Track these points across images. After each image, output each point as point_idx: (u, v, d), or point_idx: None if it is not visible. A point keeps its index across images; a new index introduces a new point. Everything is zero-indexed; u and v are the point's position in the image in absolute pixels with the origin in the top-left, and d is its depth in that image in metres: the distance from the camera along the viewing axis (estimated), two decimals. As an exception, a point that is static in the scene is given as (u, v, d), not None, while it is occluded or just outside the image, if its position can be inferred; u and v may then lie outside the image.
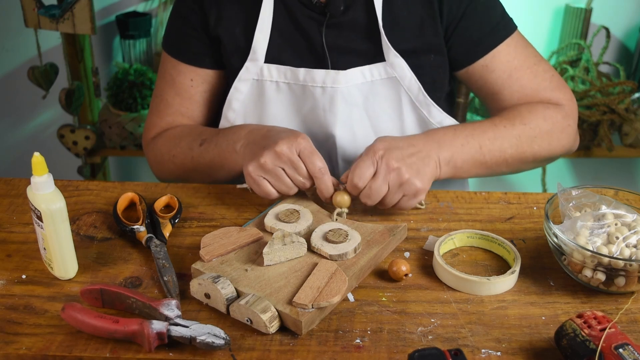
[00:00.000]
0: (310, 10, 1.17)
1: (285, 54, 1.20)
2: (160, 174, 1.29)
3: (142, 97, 2.11)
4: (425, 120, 1.22)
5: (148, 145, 1.30)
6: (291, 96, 1.20)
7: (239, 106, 1.23)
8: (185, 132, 1.24)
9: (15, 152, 2.44)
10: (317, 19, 1.18)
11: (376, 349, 0.83)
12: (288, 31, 1.19)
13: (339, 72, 1.17)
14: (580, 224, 0.94)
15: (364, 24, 1.18)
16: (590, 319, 0.80)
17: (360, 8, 1.17)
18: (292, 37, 1.19)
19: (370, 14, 1.17)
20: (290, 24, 1.19)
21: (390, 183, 1.02)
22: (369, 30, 1.18)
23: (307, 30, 1.18)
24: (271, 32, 1.19)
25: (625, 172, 2.46)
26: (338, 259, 0.95)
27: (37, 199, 0.90)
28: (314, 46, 1.19)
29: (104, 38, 2.27)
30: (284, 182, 1.05)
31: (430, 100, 1.20)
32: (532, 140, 1.17)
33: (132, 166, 2.53)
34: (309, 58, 1.19)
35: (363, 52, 1.19)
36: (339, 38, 1.18)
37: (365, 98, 1.20)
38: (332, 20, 1.17)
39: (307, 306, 0.85)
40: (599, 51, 2.19)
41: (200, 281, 0.89)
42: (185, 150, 1.21)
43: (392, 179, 1.02)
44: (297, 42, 1.20)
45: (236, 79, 1.21)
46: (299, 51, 1.20)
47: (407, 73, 1.18)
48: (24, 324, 0.87)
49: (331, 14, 1.16)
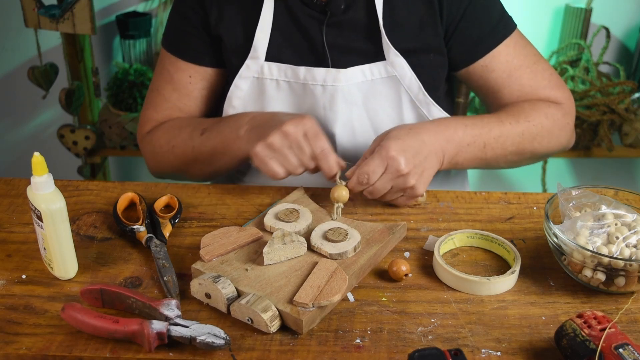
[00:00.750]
0: (310, 9, 1.18)
1: (286, 52, 1.20)
2: (157, 167, 1.28)
3: (142, 97, 2.11)
4: (425, 119, 1.22)
5: (144, 139, 1.29)
6: (291, 94, 1.20)
7: (239, 103, 1.23)
8: (184, 123, 1.24)
9: (15, 152, 2.44)
10: (318, 18, 1.18)
11: (376, 349, 0.83)
12: (289, 30, 1.19)
13: (339, 71, 1.18)
14: (580, 224, 0.94)
15: (365, 22, 1.18)
16: (590, 319, 0.80)
17: (361, 7, 1.17)
18: (293, 36, 1.20)
19: (370, 13, 1.17)
20: (291, 23, 1.19)
21: (395, 185, 1.04)
22: (370, 29, 1.18)
23: (307, 29, 1.19)
24: (272, 31, 1.19)
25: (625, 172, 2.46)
26: (338, 258, 0.95)
27: (37, 199, 0.90)
28: (314, 45, 1.19)
29: (104, 38, 2.27)
30: (290, 162, 1.06)
31: (430, 99, 1.20)
32: (534, 138, 1.19)
33: (132, 166, 2.53)
34: (309, 57, 1.20)
35: (363, 51, 1.19)
36: (339, 37, 1.19)
37: (365, 97, 1.20)
38: (332, 19, 1.17)
39: (308, 305, 0.85)
40: (599, 51, 2.19)
41: (200, 281, 0.89)
42: (186, 140, 1.21)
43: (398, 183, 1.04)
44: (297, 41, 1.20)
45: (236, 77, 1.21)
46: (300, 50, 1.20)
47: (407, 72, 1.19)
48: (24, 324, 0.87)
49: (332, 12, 1.17)
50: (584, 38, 2.17)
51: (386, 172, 1.03)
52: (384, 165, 1.03)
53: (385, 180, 1.03)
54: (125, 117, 2.12)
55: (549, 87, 1.23)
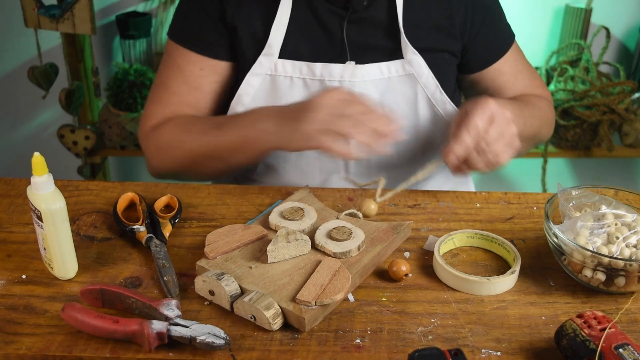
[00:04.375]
0: (332, 5, 1.17)
1: (302, 47, 1.19)
2: (161, 165, 1.23)
3: (142, 97, 2.11)
4: (440, 117, 1.23)
5: (147, 135, 1.23)
6: (305, 92, 1.19)
7: (250, 101, 1.21)
8: (195, 119, 1.20)
9: (15, 152, 2.44)
10: (339, 14, 1.18)
11: (376, 349, 0.83)
12: (307, 25, 1.18)
13: (357, 67, 1.18)
14: (580, 224, 0.94)
15: (385, 20, 1.19)
16: (590, 319, 0.80)
17: (382, 5, 1.18)
18: (312, 31, 1.19)
19: (391, 11, 1.18)
20: (312, 18, 1.18)
21: (506, 133, 1.05)
22: (389, 27, 1.19)
23: (327, 24, 1.18)
24: (289, 26, 1.18)
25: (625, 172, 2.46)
26: (342, 257, 0.95)
27: (37, 199, 0.90)
28: (333, 41, 1.19)
29: (104, 38, 2.27)
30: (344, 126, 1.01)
31: (447, 97, 1.21)
32: (544, 124, 1.28)
33: (132, 166, 2.53)
34: (326, 53, 1.19)
35: (382, 48, 1.19)
36: (359, 34, 1.19)
37: (381, 94, 1.20)
38: (354, 15, 1.18)
39: (311, 303, 0.85)
40: (599, 51, 2.19)
41: (204, 278, 0.89)
42: (198, 135, 1.16)
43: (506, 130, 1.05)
44: (316, 36, 1.19)
45: (248, 73, 1.19)
46: (317, 45, 1.19)
47: (425, 70, 1.19)
48: (24, 324, 0.87)
49: (354, 8, 1.17)
50: (584, 38, 2.17)
51: (494, 120, 1.04)
52: (488, 114, 1.04)
53: (496, 129, 1.04)
54: (125, 117, 2.12)
55: (540, 86, 1.34)
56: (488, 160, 1.06)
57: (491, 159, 1.06)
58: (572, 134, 2.13)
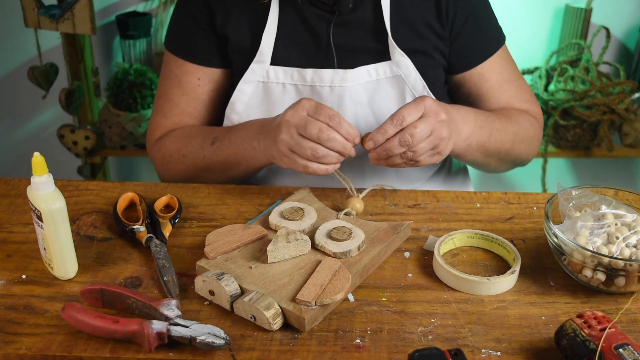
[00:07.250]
0: (319, 9, 1.17)
1: (293, 53, 1.19)
2: (168, 175, 1.28)
3: (142, 97, 2.11)
4: None
5: (153, 146, 1.28)
6: (297, 97, 1.20)
7: (243, 108, 1.22)
8: (194, 132, 1.24)
9: (15, 152, 2.44)
10: (326, 17, 1.18)
11: (376, 349, 0.83)
12: (296, 30, 1.19)
13: (346, 71, 1.18)
14: (580, 224, 0.94)
15: (371, 22, 1.18)
16: (590, 319, 0.80)
17: (369, 7, 1.18)
18: (300, 36, 1.19)
19: (377, 13, 1.18)
20: (299, 23, 1.19)
21: (434, 132, 1.02)
22: (376, 29, 1.19)
23: (315, 28, 1.18)
24: (279, 32, 1.19)
25: (625, 172, 2.46)
26: (342, 257, 0.95)
27: (37, 199, 0.90)
28: (321, 45, 1.19)
29: (104, 38, 2.27)
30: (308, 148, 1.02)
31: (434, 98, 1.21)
32: (521, 142, 1.24)
33: (132, 166, 2.53)
34: (315, 58, 1.19)
35: (369, 50, 1.19)
36: (346, 36, 1.19)
37: (370, 97, 1.20)
38: (340, 18, 1.18)
39: (311, 303, 0.85)
40: (599, 51, 2.19)
41: (204, 278, 0.89)
42: (196, 150, 1.20)
43: (437, 129, 1.02)
44: (304, 42, 1.19)
45: (240, 81, 1.21)
46: (306, 51, 1.19)
47: (412, 72, 1.19)
48: (24, 324, 0.87)
49: (340, 11, 1.17)
50: (584, 38, 2.17)
51: (426, 116, 1.02)
52: (420, 110, 1.02)
53: (425, 125, 1.01)
54: (125, 117, 2.12)
55: (530, 101, 1.30)
56: (407, 156, 1.03)
57: (409, 155, 1.03)
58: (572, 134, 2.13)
